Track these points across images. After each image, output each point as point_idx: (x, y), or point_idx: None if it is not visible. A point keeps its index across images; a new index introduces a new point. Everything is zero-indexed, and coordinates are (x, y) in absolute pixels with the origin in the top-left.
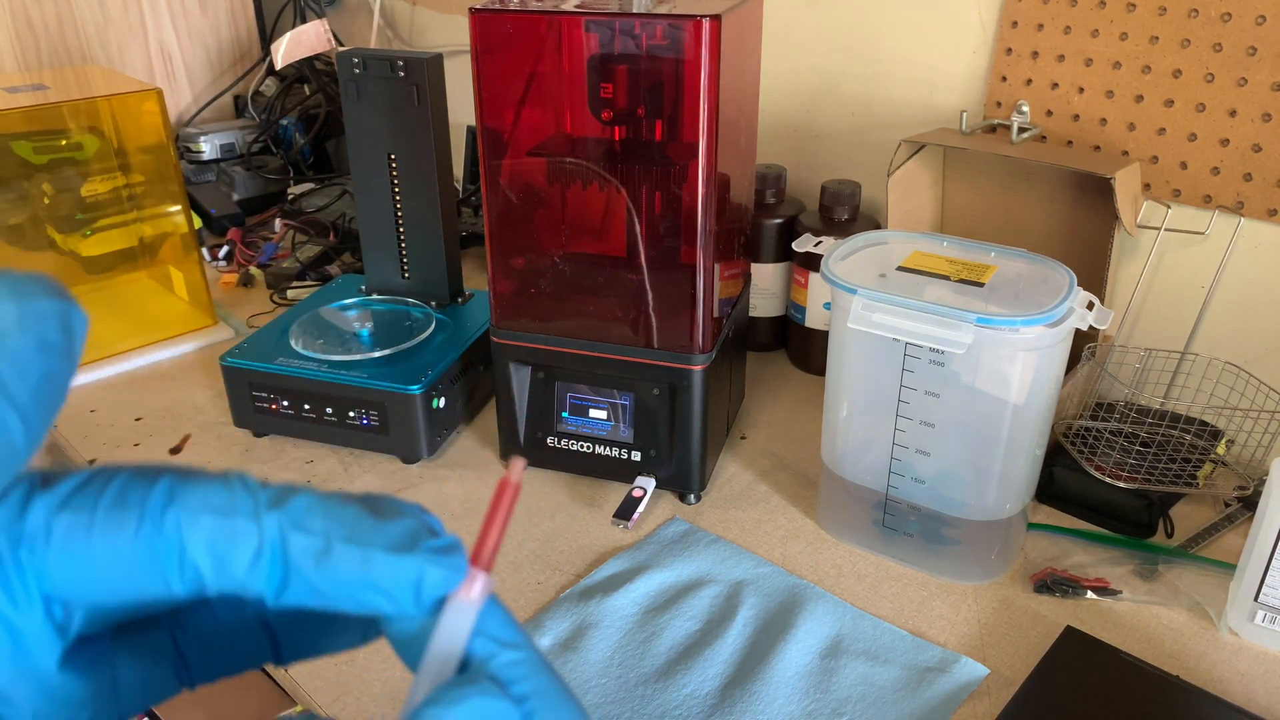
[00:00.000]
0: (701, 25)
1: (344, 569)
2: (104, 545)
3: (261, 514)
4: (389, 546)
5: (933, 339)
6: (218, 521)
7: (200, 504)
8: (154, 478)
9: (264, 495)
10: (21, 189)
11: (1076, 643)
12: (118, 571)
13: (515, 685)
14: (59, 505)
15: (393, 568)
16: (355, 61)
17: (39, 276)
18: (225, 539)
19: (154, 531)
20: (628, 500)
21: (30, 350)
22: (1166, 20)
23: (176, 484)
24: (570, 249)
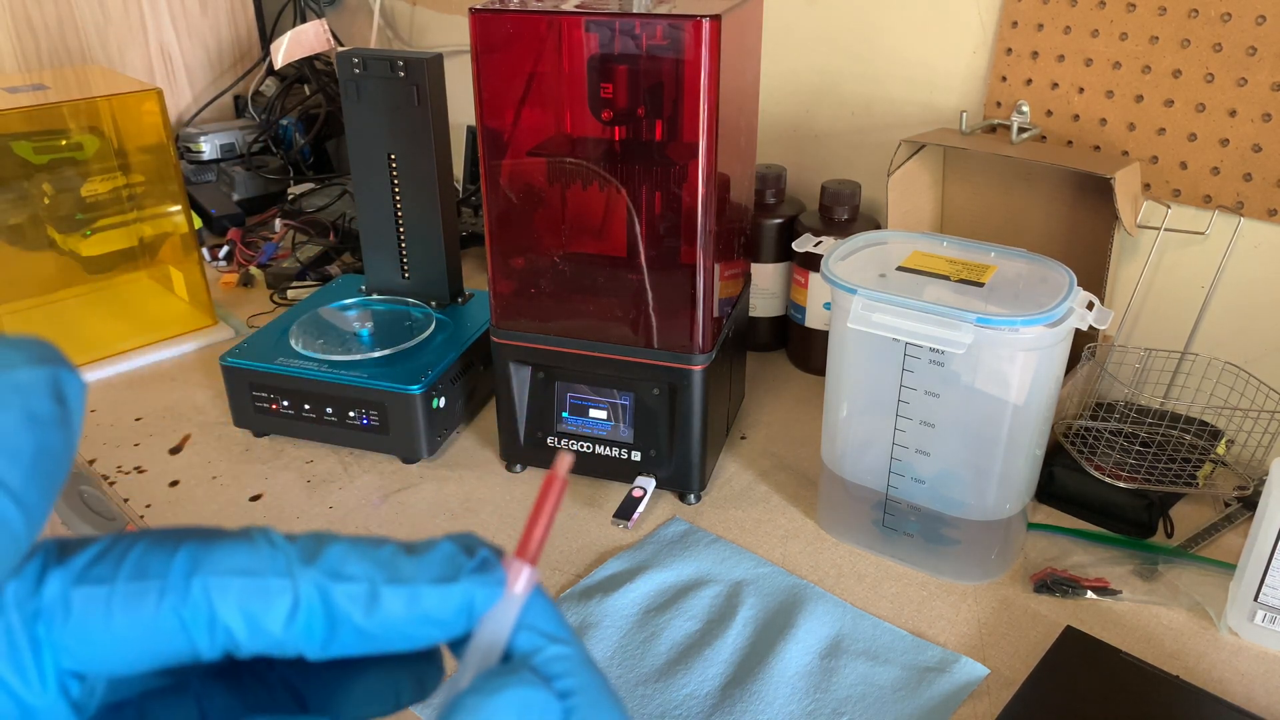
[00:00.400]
0: (701, 25)
1: (394, 610)
2: (125, 618)
3: (295, 570)
4: (433, 579)
5: (933, 339)
6: (248, 583)
7: (227, 568)
8: (175, 546)
9: (294, 550)
10: (21, 189)
11: (1076, 643)
12: (140, 642)
13: (559, 680)
14: (76, 579)
15: (441, 598)
16: (355, 61)
17: (23, 341)
18: (259, 600)
19: (179, 601)
20: (628, 500)
21: (16, 428)
22: (1166, 20)
23: (199, 550)
24: (570, 249)
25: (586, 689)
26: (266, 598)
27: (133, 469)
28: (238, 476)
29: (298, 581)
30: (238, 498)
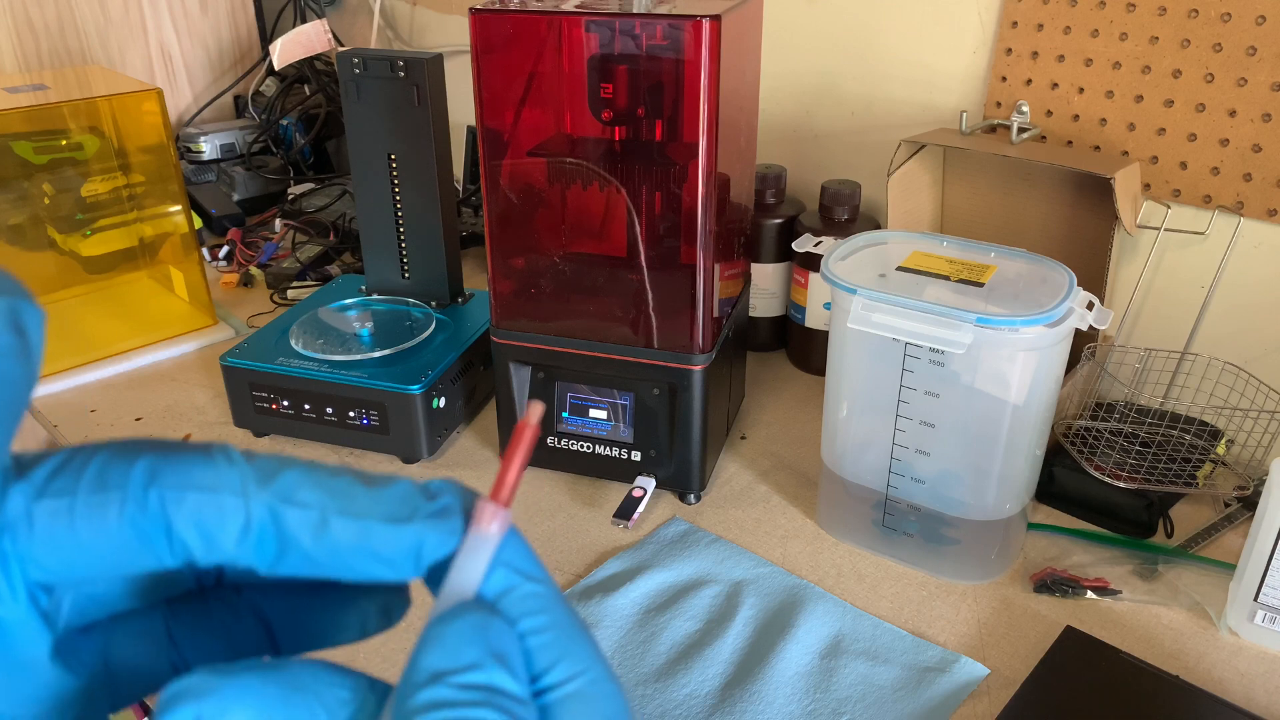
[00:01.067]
0: (701, 25)
1: (342, 541)
2: (88, 528)
3: (250, 490)
4: (386, 516)
5: (933, 339)
6: (202, 498)
7: (183, 481)
8: (133, 456)
9: (250, 470)
10: (22, 189)
11: (1076, 643)
12: (104, 552)
13: (530, 618)
14: (38, 492)
15: (391, 537)
16: (355, 61)
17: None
18: (212, 515)
19: (137, 511)
20: (628, 500)
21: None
22: (1166, 20)
23: (158, 461)
24: (570, 249)
25: (558, 625)
26: (221, 514)
27: None
28: None
29: (250, 501)
30: None
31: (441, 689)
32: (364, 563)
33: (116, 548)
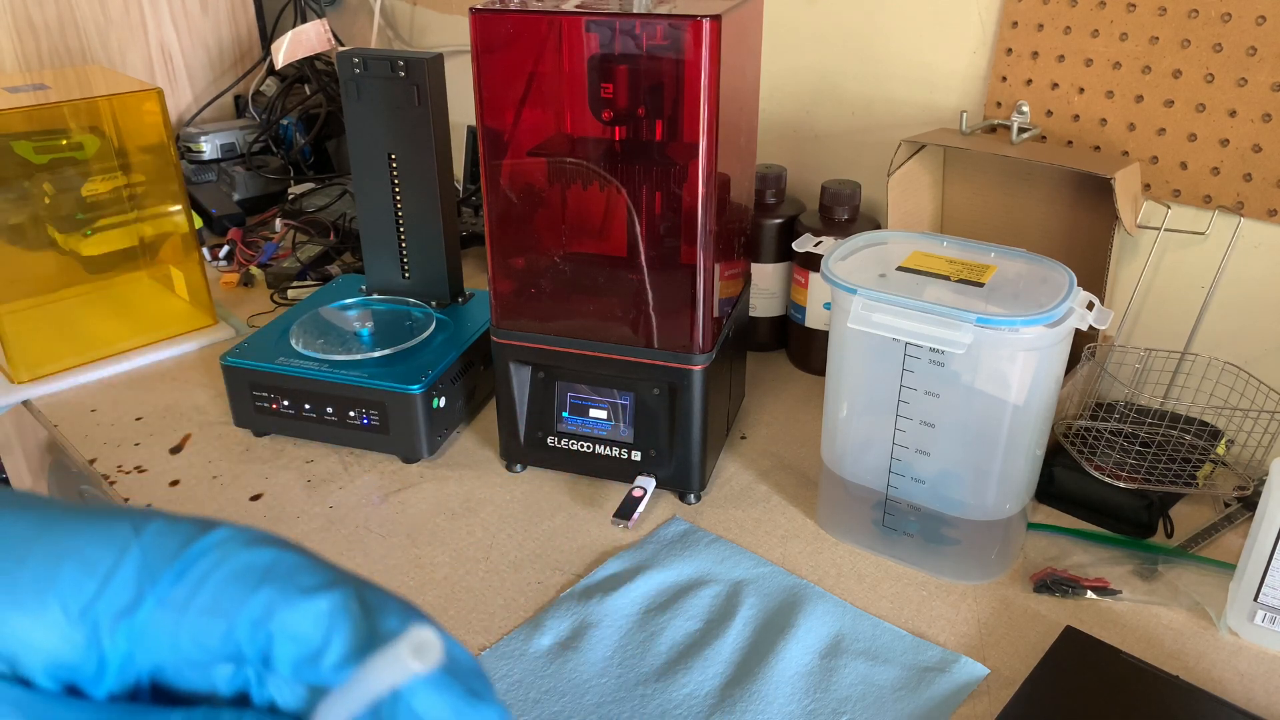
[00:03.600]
0: (701, 25)
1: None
2: (187, 641)
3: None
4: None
5: (933, 339)
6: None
7: (292, 635)
8: (255, 586)
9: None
10: (22, 189)
11: (1076, 643)
12: (189, 659)
13: None
14: (159, 600)
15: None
16: (355, 61)
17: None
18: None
19: (241, 641)
20: (628, 500)
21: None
22: (1166, 20)
23: (277, 600)
24: (570, 249)
25: None
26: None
27: (133, 469)
28: (238, 476)
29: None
30: (238, 497)
31: None
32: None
33: (196, 661)
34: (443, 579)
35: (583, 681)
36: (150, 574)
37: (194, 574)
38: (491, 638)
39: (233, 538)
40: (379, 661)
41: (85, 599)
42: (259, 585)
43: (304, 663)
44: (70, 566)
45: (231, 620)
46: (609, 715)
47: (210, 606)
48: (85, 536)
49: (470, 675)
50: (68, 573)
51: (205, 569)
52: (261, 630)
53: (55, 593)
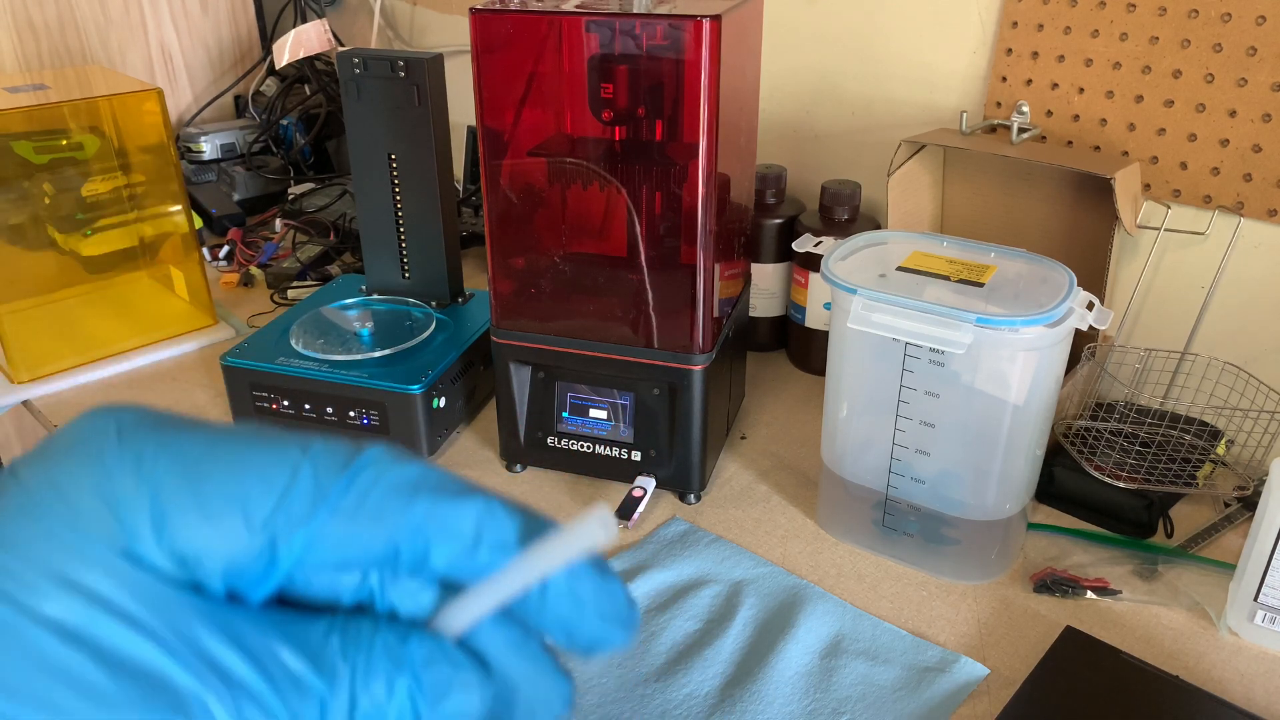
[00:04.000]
0: (701, 25)
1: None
2: (351, 544)
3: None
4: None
5: (933, 339)
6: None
7: (455, 536)
8: (411, 496)
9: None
10: (22, 189)
11: (1076, 643)
12: (348, 557)
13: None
14: (332, 510)
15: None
16: (355, 61)
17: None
18: (463, 562)
19: (402, 544)
20: (628, 500)
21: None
22: (1166, 20)
23: (433, 504)
24: (570, 249)
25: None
26: (470, 564)
27: None
28: None
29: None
30: None
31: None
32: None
33: (359, 564)
34: None
35: (583, 681)
36: (321, 487)
37: (359, 486)
38: None
39: (385, 454)
40: (560, 539)
41: (267, 510)
42: (415, 494)
43: (461, 555)
44: (252, 481)
45: (395, 526)
46: (609, 715)
47: (376, 513)
48: (259, 454)
49: (598, 558)
50: (250, 486)
51: (368, 481)
52: (421, 534)
53: (239, 505)
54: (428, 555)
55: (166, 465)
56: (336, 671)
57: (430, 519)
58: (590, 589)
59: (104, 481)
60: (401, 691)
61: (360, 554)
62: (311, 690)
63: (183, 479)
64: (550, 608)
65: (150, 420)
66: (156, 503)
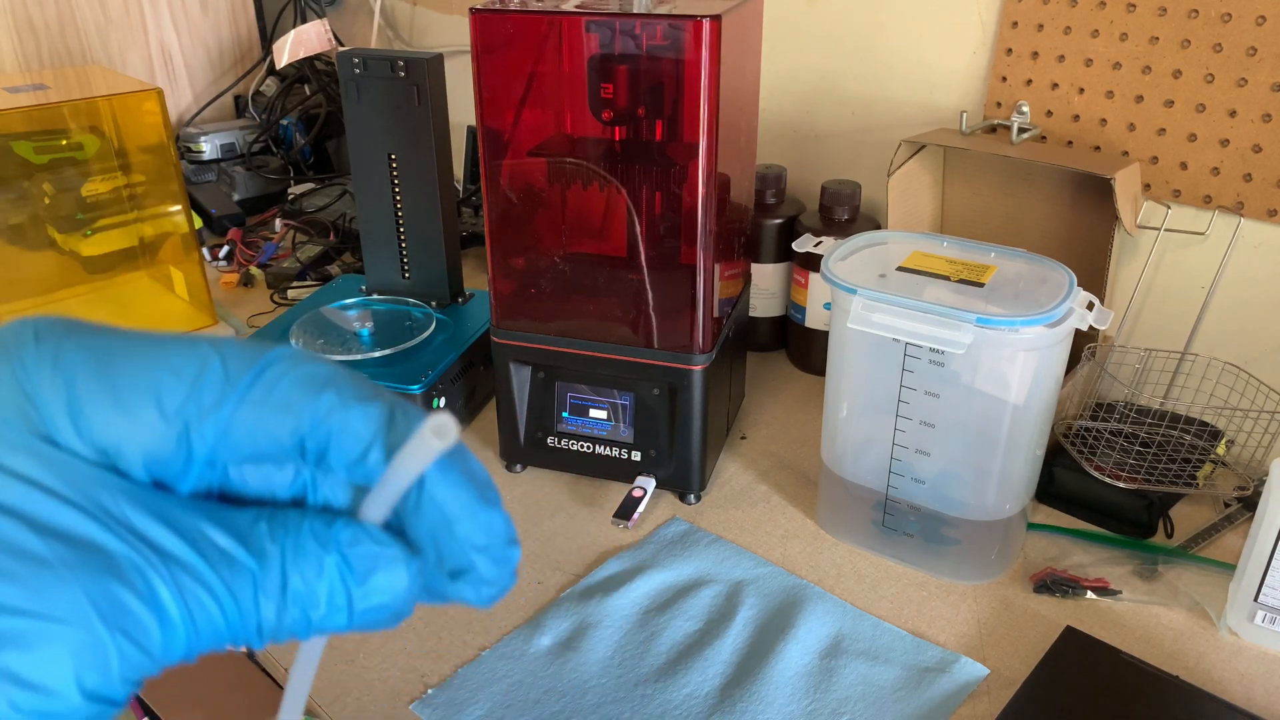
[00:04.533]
0: (702, 25)
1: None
2: (261, 435)
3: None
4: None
5: (933, 339)
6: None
7: (344, 429)
8: (320, 390)
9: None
10: (22, 189)
11: (1076, 643)
12: (259, 450)
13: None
14: (239, 399)
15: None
16: (355, 61)
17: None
18: (353, 453)
19: (306, 437)
20: (628, 500)
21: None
22: (1166, 21)
23: (337, 402)
24: (570, 249)
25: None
26: (358, 454)
27: None
28: None
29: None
30: None
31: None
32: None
33: (270, 455)
34: None
35: (583, 681)
36: (231, 379)
37: (268, 378)
38: (491, 638)
39: (295, 352)
40: (408, 449)
41: (178, 400)
42: (323, 389)
43: (355, 461)
44: (163, 373)
45: (300, 417)
46: (609, 715)
47: (283, 404)
48: (171, 350)
49: (484, 485)
50: (161, 378)
51: (277, 374)
52: (323, 427)
53: (152, 395)
54: (327, 453)
55: (81, 360)
56: (266, 552)
57: (331, 415)
58: (460, 511)
59: (21, 376)
60: (331, 570)
61: (269, 445)
62: (243, 567)
63: (97, 372)
64: (423, 519)
65: (66, 324)
66: (72, 394)
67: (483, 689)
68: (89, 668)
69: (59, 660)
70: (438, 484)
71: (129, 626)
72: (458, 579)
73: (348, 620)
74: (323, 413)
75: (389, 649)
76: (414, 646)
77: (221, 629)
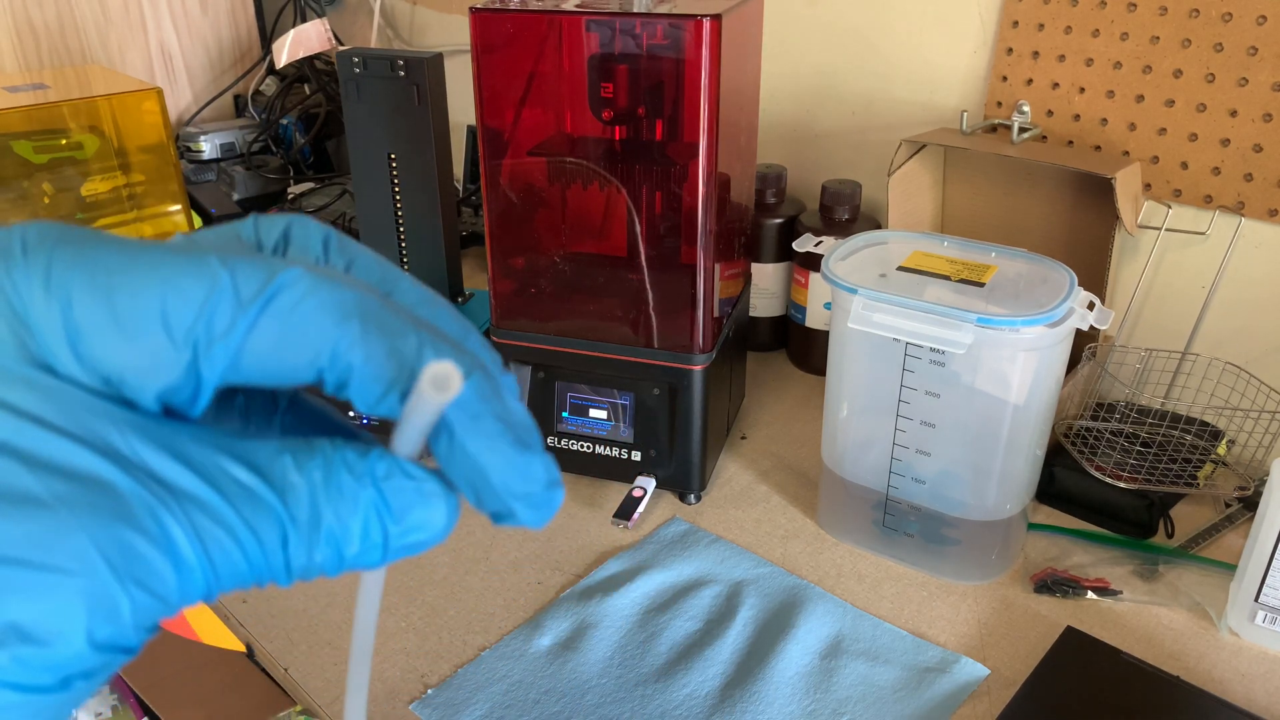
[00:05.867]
0: (702, 25)
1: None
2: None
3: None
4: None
5: (933, 339)
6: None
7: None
8: (342, 320)
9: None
10: (22, 188)
11: (1077, 643)
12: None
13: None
14: (250, 325)
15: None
16: (355, 61)
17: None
18: (372, 391)
19: (325, 366)
20: (628, 500)
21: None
22: (1167, 20)
23: (360, 335)
24: (570, 249)
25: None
26: (378, 388)
27: None
28: None
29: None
30: None
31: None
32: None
33: (287, 381)
34: (442, 579)
35: (583, 682)
36: (242, 300)
37: (284, 301)
38: (491, 638)
39: (315, 274)
40: (411, 403)
41: (186, 325)
42: (346, 318)
43: (376, 401)
44: (169, 295)
45: (319, 348)
46: (609, 715)
47: (300, 333)
48: (176, 266)
49: (521, 428)
50: (168, 301)
51: (295, 297)
52: (343, 361)
53: (158, 317)
54: (345, 387)
55: (78, 277)
56: (293, 486)
57: (354, 348)
58: (493, 459)
59: (12, 295)
60: (367, 506)
61: (285, 374)
62: (266, 504)
63: (95, 291)
64: (456, 467)
65: (56, 232)
66: (69, 316)
67: (482, 689)
68: (100, 619)
69: (66, 613)
70: (467, 433)
71: (141, 574)
72: (500, 521)
73: (382, 557)
74: (344, 346)
75: (389, 649)
76: (414, 646)
77: (244, 570)
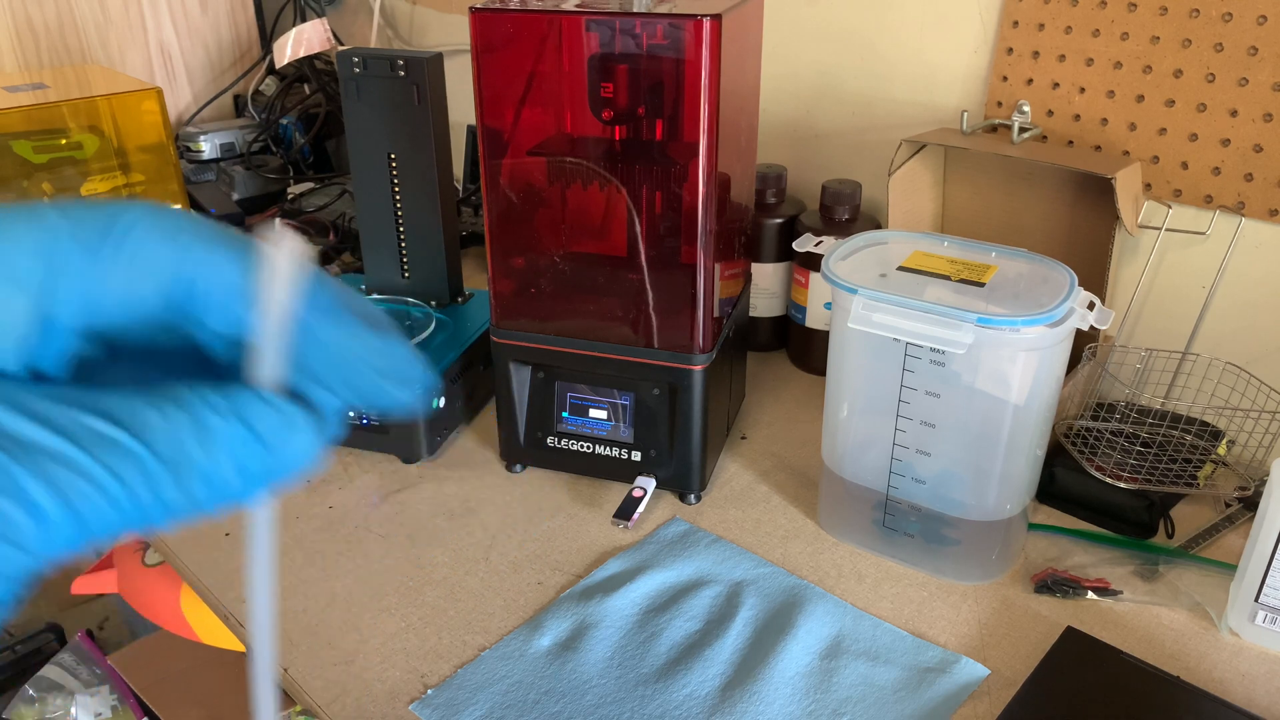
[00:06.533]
0: (702, 25)
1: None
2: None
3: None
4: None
5: (933, 339)
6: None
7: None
8: (185, 247)
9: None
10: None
11: (1077, 643)
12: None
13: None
14: (95, 260)
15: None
16: (355, 61)
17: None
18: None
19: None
20: (628, 500)
21: None
22: (1167, 20)
23: (203, 255)
24: (570, 249)
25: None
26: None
27: None
28: None
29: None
30: None
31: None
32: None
33: (142, 318)
34: (442, 579)
35: (583, 682)
36: (84, 243)
37: (119, 233)
38: (491, 638)
39: (152, 205)
40: (263, 282)
41: (37, 278)
42: (178, 235)
43: (225, 309)
44: (14, 251)
45: (161, 270)
46: (609, 715)
47: (141, 260)
48: (18, 223)
49: (370, 317)
50: (10, 255)
51: (128, 227)
52: (186, 277)
53: (9, 278)
54: (194, 302)
55: None
56: (149, 426)
57: (194, 263)
58: (351, 345)
59: None
60: (234, 439)
61: (138, 306)
62: (126, 449)
63: None
64: (319, 362)
65: None
66: None
67: (482, 689)
68: None
69: None
70: (321, 324)
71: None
72: (375, 406)
73: (261, 486)
74: (184, 262)
75: (389, 649)
76: (414, 646)
77: (113, 516)
